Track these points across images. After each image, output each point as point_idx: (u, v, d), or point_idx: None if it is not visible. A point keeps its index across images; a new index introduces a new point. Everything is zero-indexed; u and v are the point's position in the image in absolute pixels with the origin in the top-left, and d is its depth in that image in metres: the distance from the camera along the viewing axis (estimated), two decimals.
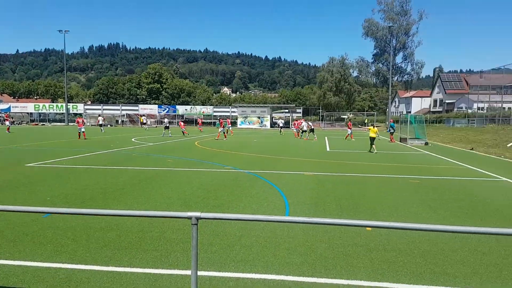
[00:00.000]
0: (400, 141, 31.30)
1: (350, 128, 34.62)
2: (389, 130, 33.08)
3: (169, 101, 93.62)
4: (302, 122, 36.37)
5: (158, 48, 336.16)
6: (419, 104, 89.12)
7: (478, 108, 50.38)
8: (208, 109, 75.33)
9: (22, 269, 4.95)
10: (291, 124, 70.20)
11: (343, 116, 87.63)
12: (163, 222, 6.87)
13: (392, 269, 5.03)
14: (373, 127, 22.84)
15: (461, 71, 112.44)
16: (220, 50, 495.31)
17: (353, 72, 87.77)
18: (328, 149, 24.06)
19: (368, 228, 6.53)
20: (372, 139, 21.89)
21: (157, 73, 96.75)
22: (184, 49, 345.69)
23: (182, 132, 38.14)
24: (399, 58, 68.57)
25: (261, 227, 6.69)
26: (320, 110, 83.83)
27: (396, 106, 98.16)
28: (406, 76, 70.31)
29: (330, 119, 77.95)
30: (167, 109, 75.12)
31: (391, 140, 31.79)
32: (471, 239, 6.18)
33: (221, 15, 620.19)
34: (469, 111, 52.40)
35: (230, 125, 39.25)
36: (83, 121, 31.33)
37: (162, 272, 4.91)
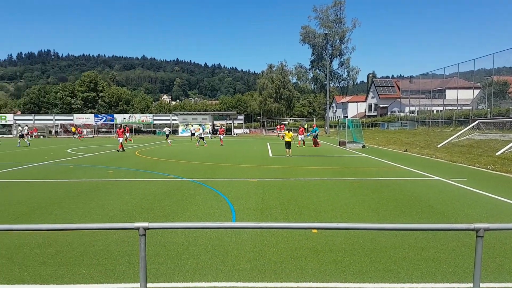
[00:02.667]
0: (339, 145, 32.43)
1: (302, 134, 34.67)
2: (309, 134, 34.10)
3: (106, 109, 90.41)
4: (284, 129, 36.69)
5: (93, 55, 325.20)
6: (356, 108, 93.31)
7: (410, 112, 53.43)
8: (147, 117, 73.54)
9: None
10: (233, 131, 70.36)
11: (284, 122, 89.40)
12: (107, 235, 6.58)
13: (339, 269, 5.17)
14: (289, 131, 23.52)
15: (392, 76, 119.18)
16: (158, 57, 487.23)
17: (292, 79, 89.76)
18: (270, 154, 24.36)
19: (314, 231, 6.68)
20: (288, 144, 22.48)
21: (92, 81, 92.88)
22: (120, 56, 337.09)
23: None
24: (335, 65, 70.97)
25: (208, 235, 6.61)
26: (261, 116, 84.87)
27: (334, 111, 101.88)
28: (342, 82, 72.82)
29: (271, 125, 79.24)
30: (104, 118, 72.43)
31: (314, 144, 32.39)
32: (410, 235, 6.50)
33: (158, 21, 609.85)
34: (402, 114, 55.45)
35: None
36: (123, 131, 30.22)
37: (109, 287, 4.70)
